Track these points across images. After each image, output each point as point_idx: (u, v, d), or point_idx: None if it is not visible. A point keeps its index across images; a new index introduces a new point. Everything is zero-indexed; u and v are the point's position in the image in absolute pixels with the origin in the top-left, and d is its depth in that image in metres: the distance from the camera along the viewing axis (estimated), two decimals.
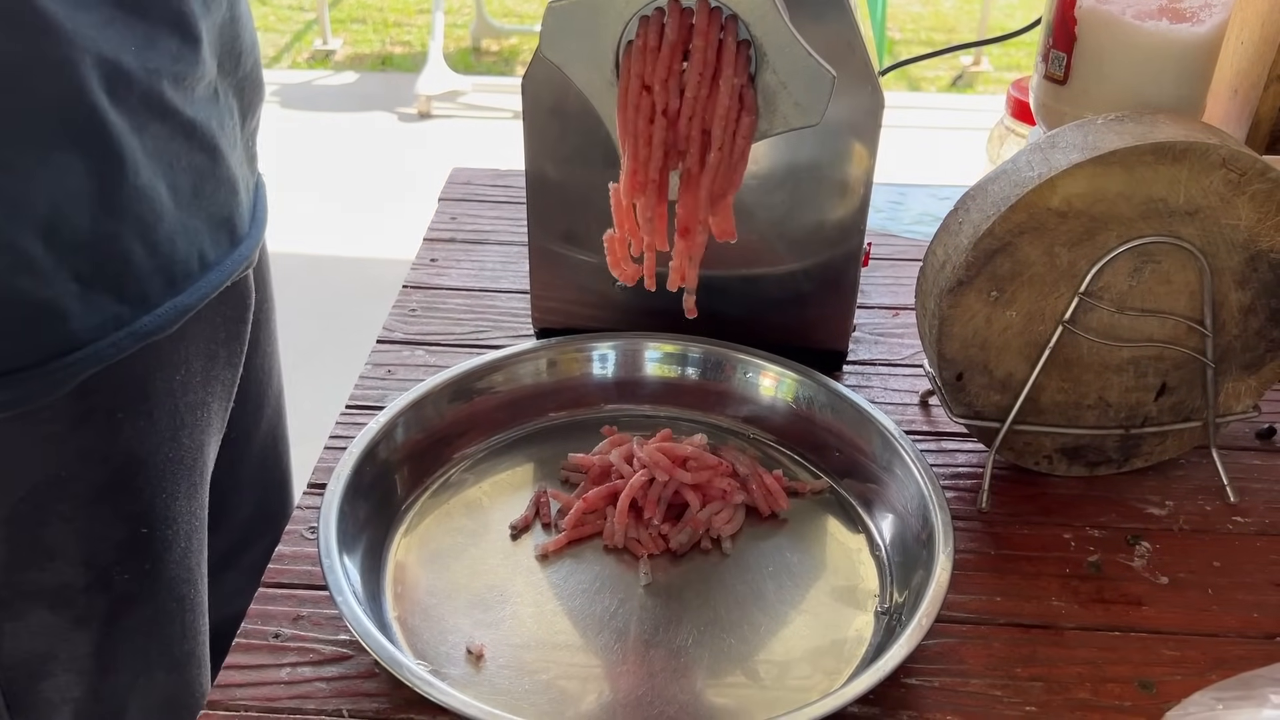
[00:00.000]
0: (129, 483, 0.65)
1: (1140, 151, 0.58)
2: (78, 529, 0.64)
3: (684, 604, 0.60)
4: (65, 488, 0.63)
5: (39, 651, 0.66)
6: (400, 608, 0.58)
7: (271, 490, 0.90)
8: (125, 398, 0.63)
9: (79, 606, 0.66)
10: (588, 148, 0.70)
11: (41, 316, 0.57)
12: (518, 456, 0.69)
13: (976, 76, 3.56)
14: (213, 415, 0.72)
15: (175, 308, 0.63)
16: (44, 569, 0.64)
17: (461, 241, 0.94)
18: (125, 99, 0.57)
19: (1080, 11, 0.66)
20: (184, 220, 0.63)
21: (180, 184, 0.62)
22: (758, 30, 0.54)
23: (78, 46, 0.54)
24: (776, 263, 0.74)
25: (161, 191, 0.61)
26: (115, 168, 0.57)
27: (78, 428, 0.62)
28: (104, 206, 0.58)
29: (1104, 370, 0.65)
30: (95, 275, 0.59)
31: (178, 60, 0.60)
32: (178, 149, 0.62)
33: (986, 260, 0.61)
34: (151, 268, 0.61)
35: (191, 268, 0.64)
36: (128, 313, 0.61)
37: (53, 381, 0.59)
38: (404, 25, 4.03)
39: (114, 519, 0.65)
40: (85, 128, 0.56)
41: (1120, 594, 0.61)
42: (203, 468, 0.72)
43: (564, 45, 0.56)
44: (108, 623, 0.67)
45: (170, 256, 0.62)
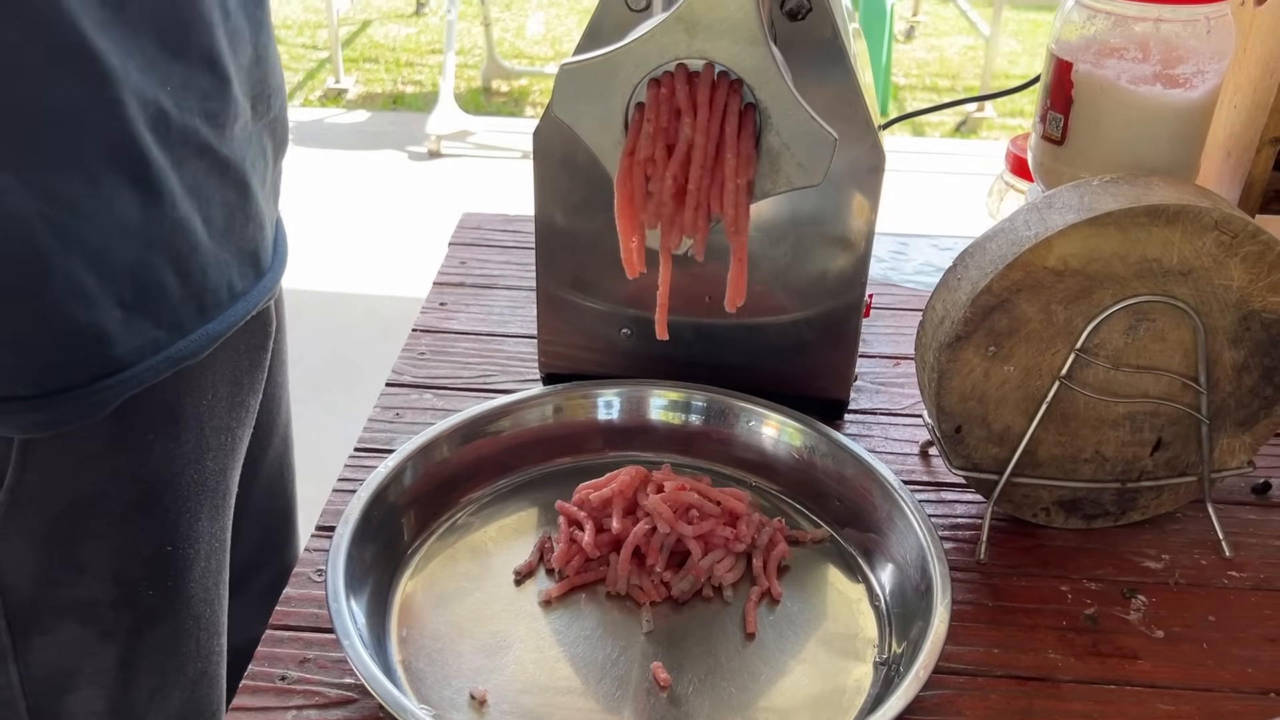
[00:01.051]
0: (156, 502, 0.67)
1: (1135, 213, 0.60)
2: (108, 545, 0.66)
3: (685, 651, 0.60)
4: (99, 505, 0.65)
5: (65, 665, 0.68)
6: (405, 651, 0.59)
7: (276, 519, 0.91)
8: (157, 420, 0.65)
9: (106, 621, 0.68)
10: (596, 198, 0.72)
11: (86, 341, 0.60)
12: (522, 501, 0.71)
13: (980, 123, 3.60)
14: (236, 440, 0.74)
15: (206, 335, 0.65)
16: (74, 584, 0.66)
17: (470, 286, 0.95)
18: (165, 136, 0.60)
19: (1077, 76, 0.68)
20: (216, 252, 0.65)
21: (214, 217, 0.65)
22: (762, 94, 0.55)
23: (125, 87, 0.57)
24: (779, 312, 0.76)
25: (197, 224, 0.63)
26: (156, 200, 0.60)
27: (113, 448, 0.64)
28: (146, 237, 0.60)
29: (1100, 425, 0.66)
30: (136, 302, 0.61)
31: (208, 98, 0.63)
32: (213, 184, 0.64)
33: (984, 316, 0.62)
34: (185, 295, 0.64)
35: (221, 297, 0.67)
36: (164, 338, 0.63)
37: (94, 404, 0.61)
38: (416, 65, 4.09)
39: (142, 536, 0.67)
40: (131, 162, 0.59)
41: (1116, 647, 0.61)
42: (225, 490, 0.74)
43: (575, 105, 0.58)
44: (132, 637, 0.69)
45: (202, 285, 0.65)
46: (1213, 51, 0.66)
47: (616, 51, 0.56)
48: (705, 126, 0.55)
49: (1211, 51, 0.66)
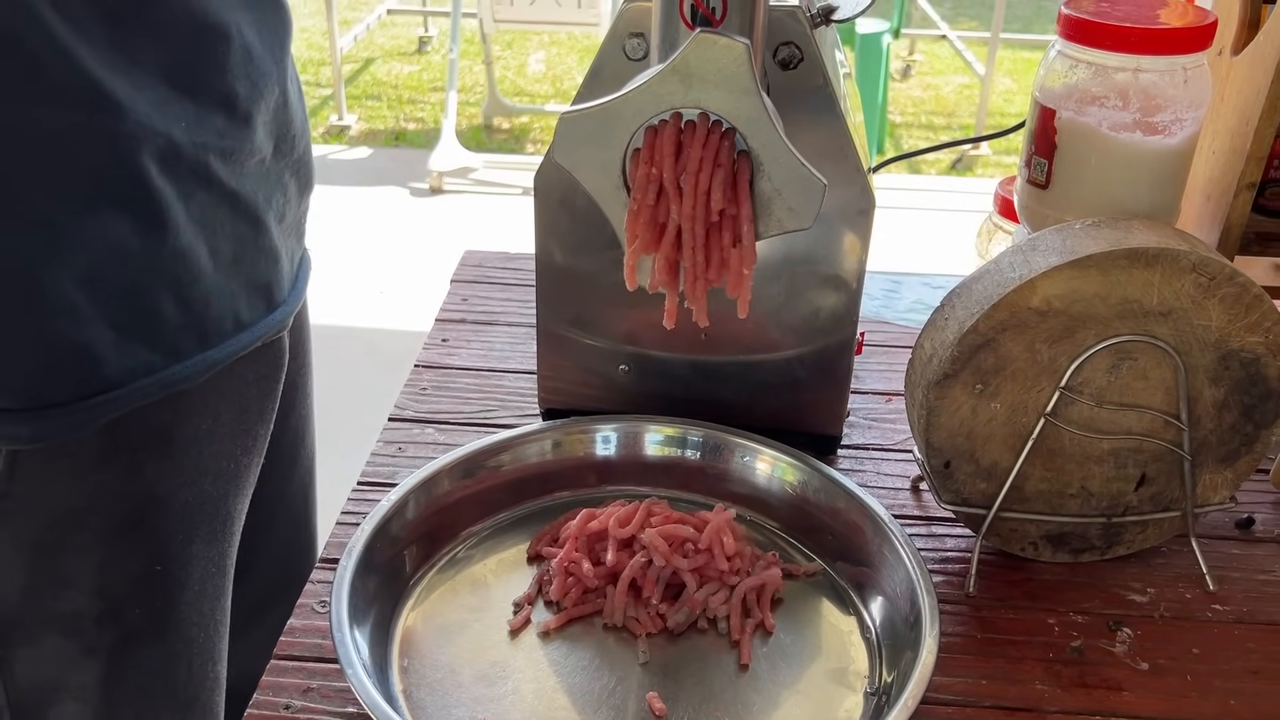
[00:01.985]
0: (146, 521, 0.68)
1: (1115, 256, 0.62)
2: (94, 560, 0.67)
3: (680, 683, 0.62)
4: (85, 520, 0.66)
5: (49, 678, 0.68)
6: (407, 681, 0.61)
7: (299, 552, 0.93)
8: (149, 440, 0.66)
9: (89, 636, 0.68)
10: (595, 238, 0.74)
11: (75, 359, 0.61)
12: (522, 534, 0.72)
13: (976, 160, 3.65)
14: (241, 467, 0.75)
15: (204, 361, 0.66)
16: (59, 597, 0.67)
17: (472, 322, 0.97)
18: (174, 169, 0.62)
19: (1059, 123, 0.70)
20: (221, 282, 0.67)
21: (221, 249, 0.67)
22: (754, 142, 0.58)
23: (133, 121, 0.59)
24: (773, 349, 0.78)
25: (202, 254, 0.65)
26: (158, 229, 0.62)
27: (102, 465, 0.65)
28: (145, 263, 0.62)
29: (1085, 461, 0.68)
30: (131, 325, 0.62)
31: (224, 136, 0.65)
32: (222, 218, 0.66)
33: (971, 355, 0.64)
34: (184, 322, 0.65)
35: (225, 326, 0.68)
36: (159, 361, 0.64)
37: (81, 420, 0.62)
38: (418, 103, 4.15)
39: (130, 554, 0.68)
40: (132, 193, 0.61)
41: (1101, 679, 0.63)
42: (226, 516, 0.74)
43: (575, 152, 0.60)
44: (116, 655, 0.69)
45: (204, 314, 0.66)
46: (1190, 100, 0.68)
47: (615, 101, 0.58)
48: (690, 213, 0.59)
49: (1189, 100, 0.68)
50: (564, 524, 0.70)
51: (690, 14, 0.59)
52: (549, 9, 3.41)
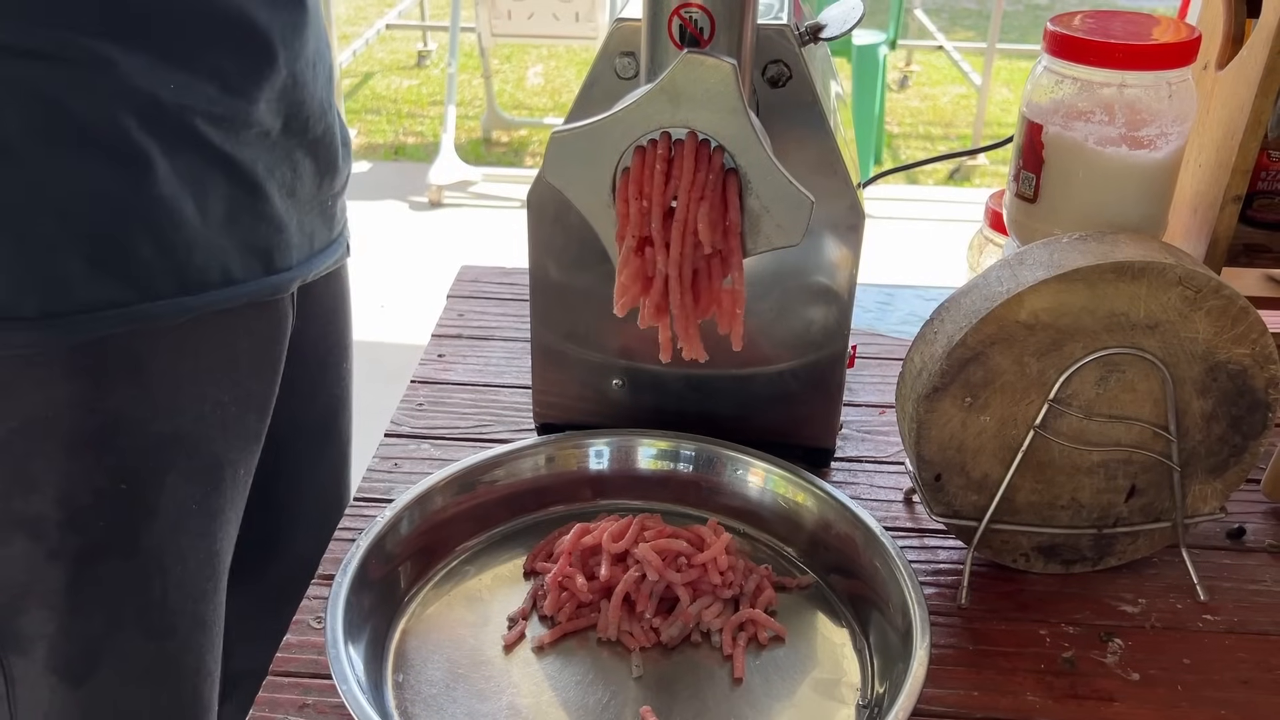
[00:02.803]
0: (113, 440, 0.71)
1: (1102, 270, 0.63)
2: (59, 468, 0.70)
3: (674, 696, 0.62)
4: (52, 428, 0.69)
5: (18, 580, 0.72)
6: (402, 697, 0.61)
7: (330, 530, 0.95)
8: (120, 366, 0.70)
9: (53, 541, 0.71)
10: (588, 254, 0.75)
11: (46, 282, 0.66)
12: (516, 549, 0.73)
13: (973, 170, 3.66)
14: (231, 417, 0.78)
15: (180, 304, 0.70)
16: (26, 499, 0.70)
17: (468, 338, 0.98)
18: (157, 125, 0.67)
19: (1046, 137, 0.71)
20: (210, 236, 0.71)
21: (211, 207, 0.71)
22: (742, 160, 0.58)
23: (119, 79, 0.65)
24: (765, 363, 0.78)
25: (187, 207, 0.69)
26: (140, 178, 0.67)
27: (70, 379, 0.69)
28: (124, 206, 0.67)
29: (1075, 472, 0.68)
30: (104, 260, 0.67)
31: (215, 104, 0.69)
32: (214, 178, 0.70)
33: (960, 369, 0.65)
34: (163, 266, 0.69)
35: (210, 278, 0.72)
36: (132, 296, 0.68)
37: (47, 336, 0.66)
38: (417, 116, 4.16)
39: (95, 468, 0.71)
40: (112, 143, 0.65)
41: (1093, 690, 0.63)
42: (214, 461, 0.77)
43: (565, 170, 0.61)
44: (80, 563, 0.73)
45: (186, 261, 0.70)
46: (1175, 114, 0.69)
47: (604, 120, 0.59)
48: (677, 259, 0.60)
49: (1174, 114, 0.69)
50: (558, 539, 0.71)
51: (678, 34, 0.60)
52: (547, 23, 3.43)
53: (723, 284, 0.63)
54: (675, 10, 0.60)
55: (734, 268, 0.61)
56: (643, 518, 0.69)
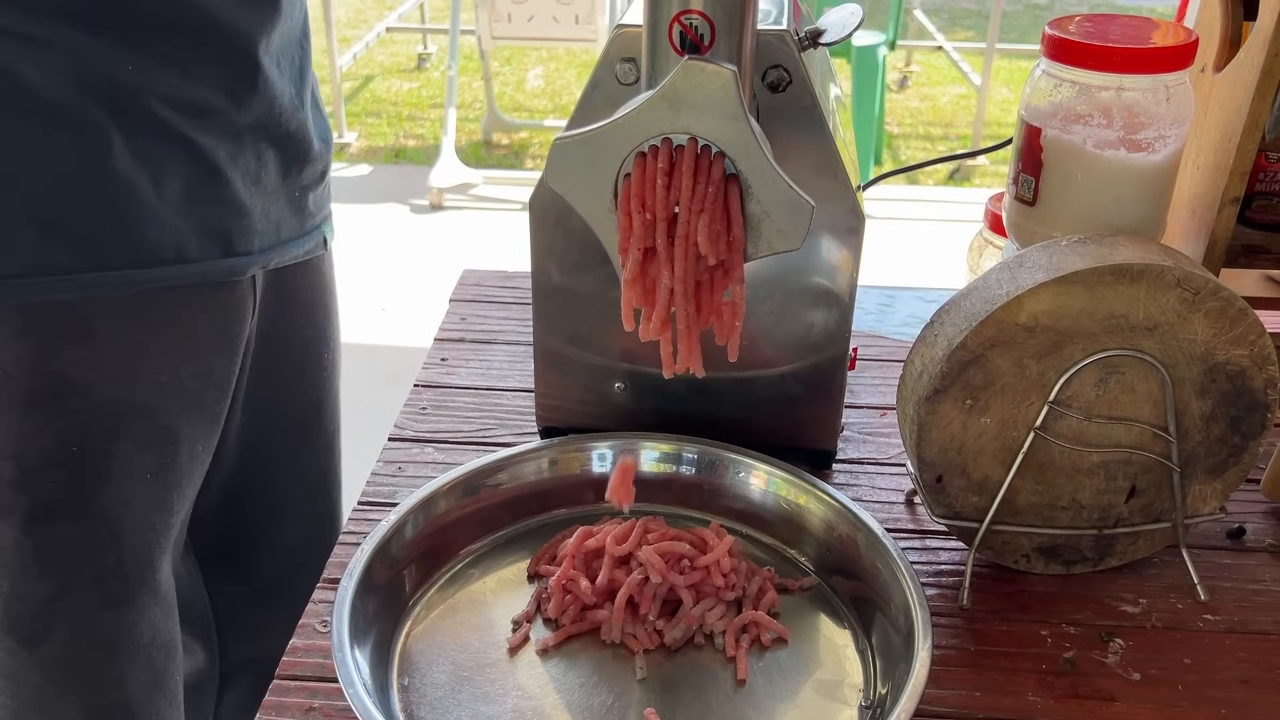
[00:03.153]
0: (62, 401, 0.73)
1: (1100, 272, 0.63)
2: (9, 426, 0.72)
3: (678, 698, 0.63)
4: (6, 385, 0.71)
5: None
6: (408, 700, 0.62)
7: (319, 526, 0.99)
8: (67, 329, 0.72)
9: (4, 497, 0.74)
10: (589, 258, 0.75)
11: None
12: (520, 552, 0.73)
13: (973, 170, 3.66)
14: (188, 394, 0.79)
15: (127, 277, 0.72)
16: None
17: (471, 341, 0.98)
18: (112, 103, 0.69)
19: (1045, 141, 0.71)
20: (165, 214, 0.73)
21: (168, 185, 0.72)
22: (743, 166, 0.59)
23: (79, 57, 0.67)
24: (767, 366, 0.79)
25: (143, 183, 0.71)
26: (92, 150, 0.69)
27: (17, 339, 0.71)
28: (76, 176, 0.69)
29: (1075, 474, 0.69)
30: (53, 226, 0.69)
31: (174, 89, 0.71)
32: (169, 157, 0.72)
33: (960, 371, 0.65)
34: (114, 238, 0.71)
35: (164, 254, 0.73)
36: (80, 264, 0.70)
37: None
38: (417, 119, 4.17)
39: (44, 428, 0.73)
40: (67, 116, 0.68)
41: (1094, 690, 0.63)
42: (170, 434, 0.79)
43: (567, 177, 0.61)
44: (31, 522, 0.75)
45: (138, 236, 0.72)
46: (1173, 117, 0.70)
47: (606, 127, 0.60)
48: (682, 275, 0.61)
49: (1172, 117, 0.70)
50: (561, 542, 0.71)
51: (679, 40, 0.61)
52: (547, 25, 3.44)
53: (723, 296, 0.63)
54: (676, 17, 0.60)
55: (735, 280, 0.62)
56: (645, 520, 0.69)
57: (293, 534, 0.93)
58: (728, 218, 0.60)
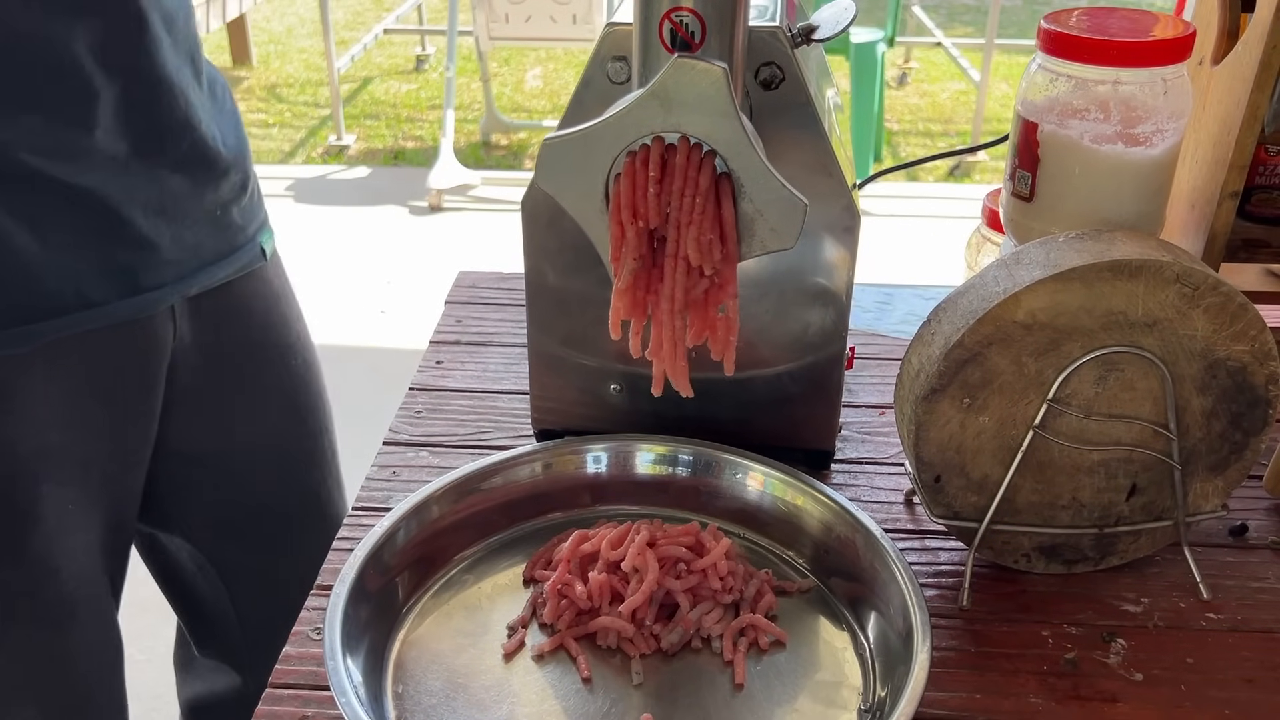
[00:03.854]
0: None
1: (1098, 268, 0.62)
2: None
3: (675, 703, 0.62)
4: None
5: None
6: (402, 708, 0.61)
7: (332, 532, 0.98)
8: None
9: None
10: (583, 259, 0.74)
11: None
12: (515, 556, 0.72)
13: (973, 166, 3.65)
14: (102, 425, 0.79)
15: (30, 333, 0.72)
16: None
17: (466, 344, 0.98)
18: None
19: (1042, 136, 0.71)
20: (57, 263, 0.72)
21: (51, 236, 0.72)
22: (735, 164, 0.58)
23: None
24: (763, 366, 0.78)
25: (23, 238, 0.70)
26: None
27: None
28: None
29: (1076, 472, 0.68)
30: None
31: (41, 137, 0.70)
32: (54, 207, 0.71)
33: (958, 369, 0.65)
34: (3, 294, 0.70)
35: (64, 302, 0.73)
36: None
37: None
38: (416, 121, 4.16)
39: None
40: None
41: (1096, 691, 0.63)
42: (83, 462, 0.79)
43: (557, 176, 0.60)
44: None
45: (34, 288, 0.72)
46: (1171, 111, 0.69)
47: (596, 126, 0.59)
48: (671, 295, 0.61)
49: (1170, 111, 0.69)
50: (556, 546, 0.70)
51: (669, 38, 0.60)
52: (544, 25, 3.43)
53: (717, 312, 0.63)
54: (666, 14, 0.59)
55: (729, 296, 0.61)
56: (640, 524, 0.69)
57: (309, 546, 0.92)
58: (721, 229, 0.59)
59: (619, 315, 0.63)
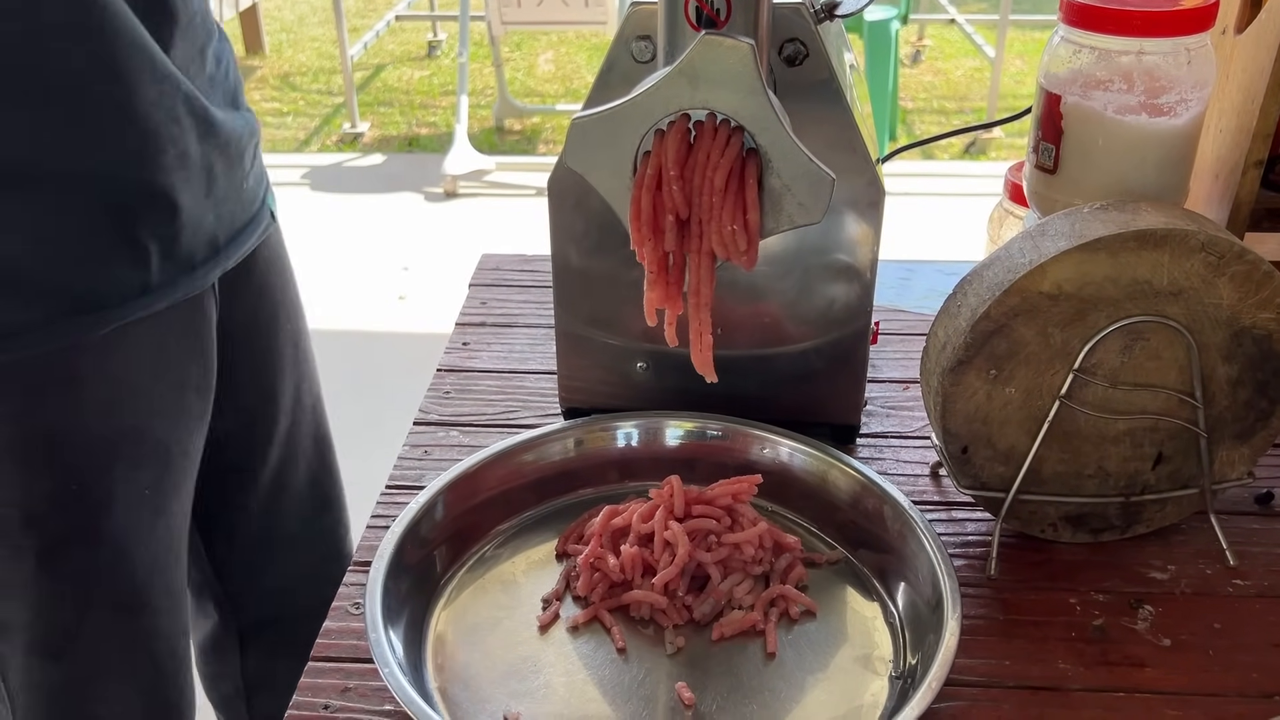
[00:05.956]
0: (54, 447, 0.76)
1: (1124, 238, 0.63)
2: (9, 478, 0.75)
3: (708, 672, 0.63)
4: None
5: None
6: (441, 679, 0.62)
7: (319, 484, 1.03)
8: (52, 379, 0.74)
9: (15, 538, 0.77)
10: (609, 239, 0.75)
11: None
12: (548, 532, 0.73)
13: (989, 143, 3.63)
14: (168, 402, 0.81)
15: (103, 319, 0.73)
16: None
17: (491, 325, 0.99)
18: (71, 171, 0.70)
19: (1065, 108, 0.71)
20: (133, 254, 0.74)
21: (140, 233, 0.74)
22: (763, 139, 0.59)
23: None
24: (789, 342, 0.79)
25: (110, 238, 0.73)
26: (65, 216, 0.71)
27: (3, 395, 0.73)
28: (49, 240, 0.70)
29: (1102, 441, 0.69)
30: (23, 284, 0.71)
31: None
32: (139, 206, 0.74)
33: (984, 341, 0.65)
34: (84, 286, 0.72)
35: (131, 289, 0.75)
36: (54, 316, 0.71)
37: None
38: (429, 107, 4.17)
39: (42, 474, 0.76)
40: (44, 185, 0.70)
41: (1124, 656, 0.63)
42: (158, 444, 0.81)
43: (586, 156, 0.61)
44: (44, 557, 0.78)
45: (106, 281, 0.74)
46: (1195, 80, 0.69)
47: (624, 105, 0.60)
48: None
49: (1194, 80, 0.69)
50: (588, 521, 0.72)
51: (695, 16, 0.61)
52: (556, 9, 3.43)
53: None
54: None
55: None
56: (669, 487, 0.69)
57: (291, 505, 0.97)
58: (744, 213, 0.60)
59: (653, 305, 0.64)
